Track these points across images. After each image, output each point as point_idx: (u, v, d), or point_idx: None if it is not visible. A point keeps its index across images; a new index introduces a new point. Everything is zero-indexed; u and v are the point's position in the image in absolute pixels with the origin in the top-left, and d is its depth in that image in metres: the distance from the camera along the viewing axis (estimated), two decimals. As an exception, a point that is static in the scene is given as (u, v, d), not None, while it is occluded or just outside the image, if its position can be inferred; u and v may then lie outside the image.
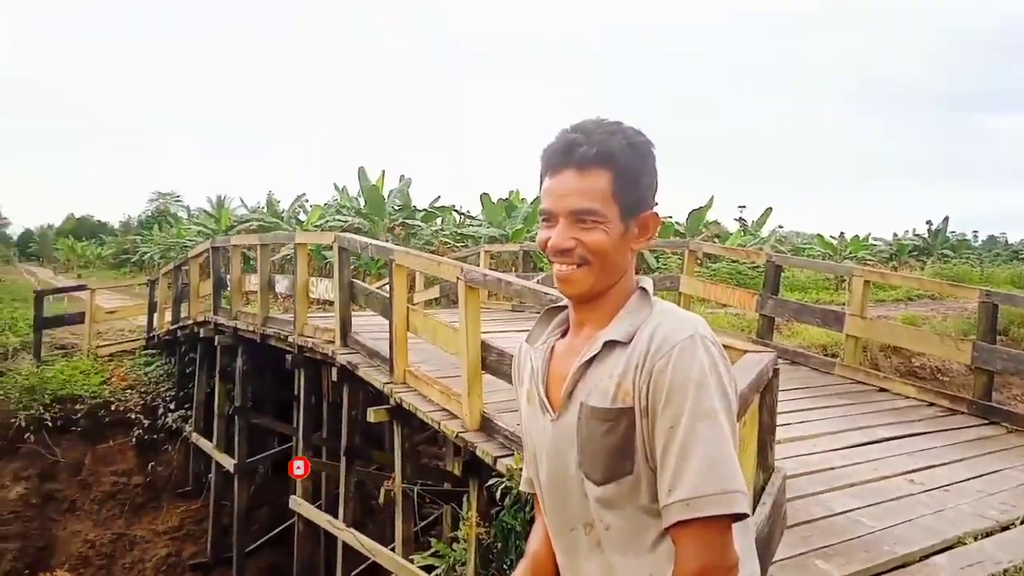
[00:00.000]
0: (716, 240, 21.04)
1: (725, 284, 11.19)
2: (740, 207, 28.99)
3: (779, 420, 3.64)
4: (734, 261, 15.49)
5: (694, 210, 21.44)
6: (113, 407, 10.98)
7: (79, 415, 10.83)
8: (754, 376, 2.84)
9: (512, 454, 4.54)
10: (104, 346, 13.11)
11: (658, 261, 18.49)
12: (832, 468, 4.80)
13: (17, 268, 40.97)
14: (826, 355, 8.49)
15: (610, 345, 1.30)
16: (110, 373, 11.83)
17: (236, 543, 9.23)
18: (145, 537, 10.05)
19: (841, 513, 4.06)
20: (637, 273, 1.42)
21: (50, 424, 10.70)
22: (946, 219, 28.67)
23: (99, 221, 63.23)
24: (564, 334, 1.43)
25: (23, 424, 10.63)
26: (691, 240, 12.55)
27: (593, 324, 1.36)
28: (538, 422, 1.40)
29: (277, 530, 9.74)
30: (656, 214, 1.37)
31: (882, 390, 7.19)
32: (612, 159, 1.28)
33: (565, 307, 1.46)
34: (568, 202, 1.30)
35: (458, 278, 5.16)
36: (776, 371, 3.27)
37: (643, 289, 1.37)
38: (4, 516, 9.93)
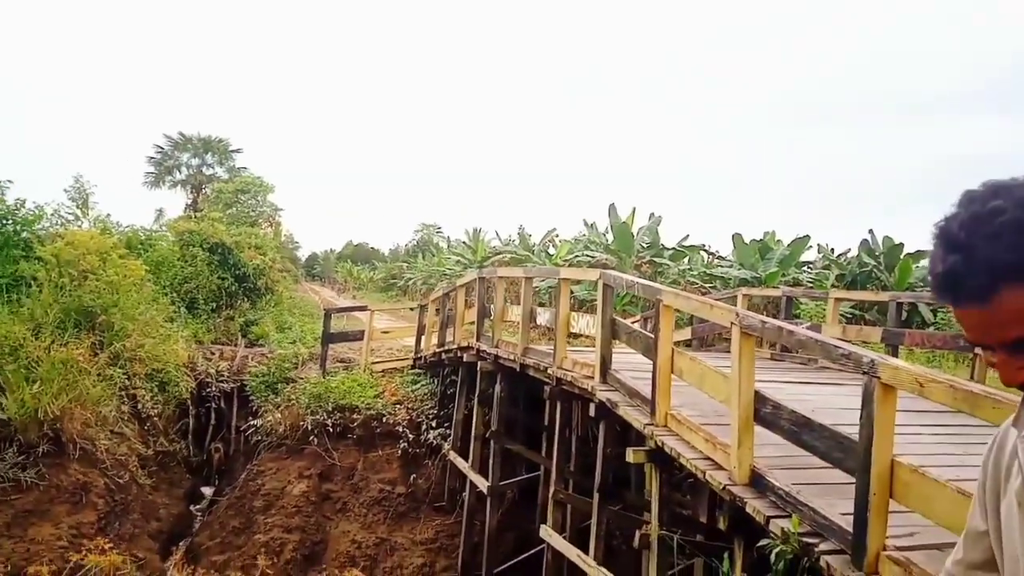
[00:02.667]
0: None
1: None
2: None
3: None
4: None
5: (981, 259, 19.07)
6: (384, 419, 12.03)
7: (355, 424, 12.00)
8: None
9: (788, 516, 4.27)
10: (378, 362, 14.42)
11: (936, 316, 16.66)
12: None
13: (304, 286, 46.51)
14: None
15: None
16: (382, 388, 12.98)
17: (485, 562, 9.60)
18: (404, 545, 10.80)
19: None
20: (908, 325, 1.18)
21: (331, 430, 11.95)
22: None
23: (372, 248, 70.25)
24: None
25: (309, 427, 11.97)
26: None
27: None
28: None
29: (524, 555, 9.99)
30: None
31: None
32: (1012, 271, 0.98)
33: None
34: (989, 337, 1.05)
35: (733, 323, 5.00)
36: None
37: None
38: (289, 510, 11.19)
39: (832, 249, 22.08)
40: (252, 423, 12.98)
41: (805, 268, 20.60)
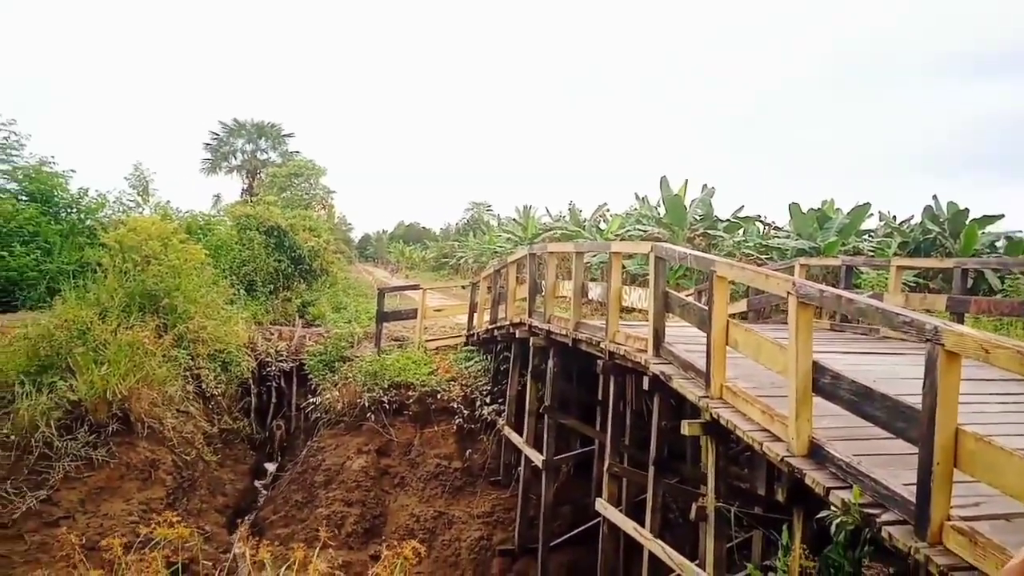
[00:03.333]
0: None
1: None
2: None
3: None
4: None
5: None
6: (439, 396, 12.19)
7: (411, 400, 12.18)
8: None
9: (849, 487, 4.20)
10: (431, 340, 14.57)
11: (1003, 283, 16.05)
12: None
13: (357, 267, 47.19)
14: None
15: None
16: (436, 365, 13.13)
17: (542, 535, 9.68)
18: (461, 518, 10.97)
19: None
20: (974, 293, 1.11)
21: (387, 406, 12.16)
22: None
23: (424, 228, 70.79)
24: None
25: (366, 404, 12.19)
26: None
27: None
28: None
29: (580, 528, 10.05)
30: None
31: None
32: None
33: None
34: None
35: (789, 292, 4.90)
36: None
37: None
38: (348, 484, 11.43)
39: (894, 217, 21.40)
40: (311, 401, 13.27)
41: (866, 237, 20.02)
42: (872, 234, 20.44)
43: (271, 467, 14.06)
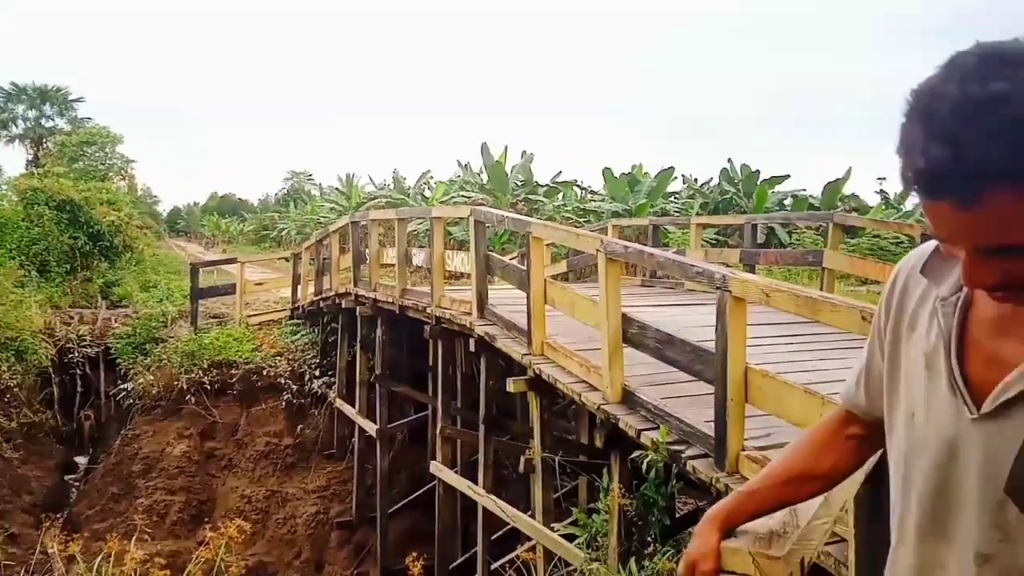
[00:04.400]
0: (856, 214, 20.03)
1: (870, 259, 10.66)
2: (880, 179, 27.40)
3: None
4: (875, 235, 14.71)
5: (830, 183, 20.49)
6: (264, 372, 11.80)
7: (234, 379, 11.70)
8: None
9: (656, 427, 4.56)
10: (253, 315, 14.02)
11: (791, 237, 17.82)
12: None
13: (168, 242, 44.18)
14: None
15: None
16: (260, 341, 12.68)
17: (379, 504, 9.71)
18: (296, 495, 10.76)
19: None
20: (767, 246, 1.09)
21: (208, 387, 11.62)
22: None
23: (240, 199, 67.21)
24: None
25: (184, 386, 11.59)
26: (835, 212, 11.97)
27: None
28: (938, 400, 1.07)
29: (417, 493, 10.17)
30: None
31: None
32: (1003, 172, 0.81)
33: None
34: (964, 240, 0.90)
35: (598, 250, 5.19)
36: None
37: None
38: (170, 471, 10.89)
39: (696, 179, 23.05)
40: (122, 387, 12.42)
41: (672, 198, 21.44)
42: (677, 196, 21.92)
43: (82, 460, 13.09)
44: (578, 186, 23.53)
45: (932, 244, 1.06)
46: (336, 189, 33.00)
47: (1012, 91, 0.79)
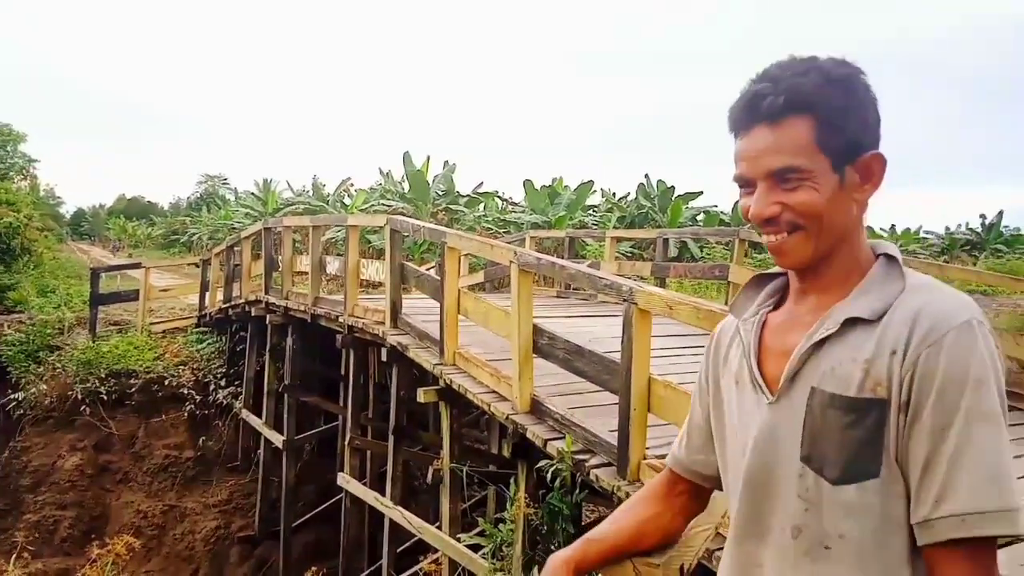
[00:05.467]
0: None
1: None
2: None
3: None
4: (780, 252, 15.24)
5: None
6: (166, 382, 11.31)
7: (133, 389, 11.17)
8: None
9: (563, 437, 4.57)
10: (157, 323, 13.46)
11: (702, 251, 18.33)
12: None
13: (70, 246, 42.10)
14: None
15: (851, 323, 1.11)
16: (163, 349, 12.16)
17: (283, 518, 9.43)
18: (195, 509, 10.34)
19: None
20: (679, 260, 1.30)
21: (105, 397, 11.06)
22: (1000, 213, 27.92)
23: (149, 202, 64.73)
24: (778, 305, 1.25)
25: (79, 397, 11.00)
26: (740, 229, 12.44)
27: (822, 293, 1.17)
28: (747, 407, 1.21)
29: (324, 506, 9.93)
30: (879, 155, 1.13)
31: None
32: (808, 102, 1.09)
33: (778, 274, 1.28)
34: (763, 163, 1.12)
35: (511, 261, 5.19)
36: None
37: (888, 256, 1.15)
38: (61, 485, 10.30)
39: (614, 193, 23.50)
40: (12, 396, 11.69)
41: (591, 211, 21.77)
42: (596, 209, 22.28)
43: (-36, 475, 12.23)
44: (499, 197, 23.65)
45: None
46: (252, 194, 32.17)
47: (816, 62, 1.12)
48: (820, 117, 1.09)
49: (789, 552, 1.15)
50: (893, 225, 23.72)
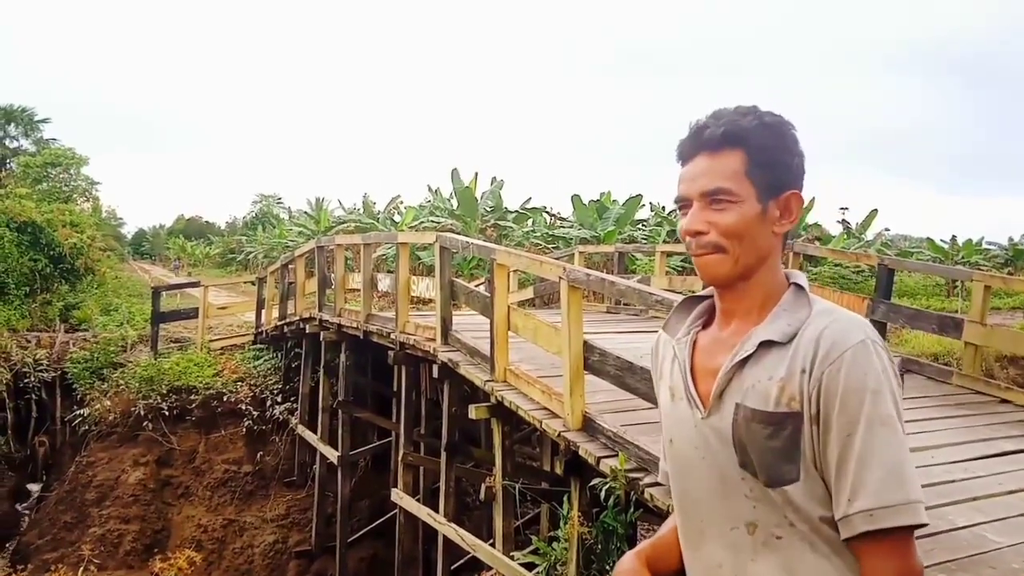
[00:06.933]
0: (818, 243, 20.36)
1: (829, 288, 10.83)
2: (843, 208, 28.00)
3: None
4: (837, 264, 14.94)
5: (793, 211, 20.80)
6: (225, 398, 11.58)
7: (193, 405, 11.46)
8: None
9: (616, 455, 4.54)
10: (216, 340, 13.79)
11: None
12: (954, 480, 4.59)
13: (131, 265, 43.44)
14: (938, 364, 8.11)
15: (766, 345, 1.25)
16: (222, 366, 12.45)
17: (339, 533, 9.54)
18: (254, 523, 10.52)
19: (965, 527, 3.87)
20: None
21: (167, 413, 11.36)
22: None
23: (207, 222, 66.51)
24: (706, 325, 1.40)
25: (142, 413, 11.32)
26: (794, 243, 12.21)
27: (742, 317, 1.32)
28: (683, 417, 1.36)
29: (378, 522, 10.02)
30: (798, 194, 1.31)
31: (1004, 401, 6.78)
32: (742, 138, 1.27)
33: (705, 297, 1.42)
34: (698, 184, 1.29)
35: (560, 277, 5.19)
36: (902, 376, 3.16)
37: (798, 285, 1.31)
38: (125, 499, 10.59)
39: (663, 207, 23.28)
40: (78, 413, 12.10)
41: (640, 225, 21.62)
42: (645, 223, 22.11)
43: (35, 488, 12.67)
44: (547, 212, 23.67)
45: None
46: (305, 213, 32.82)
47: (755, 110, 1.30)
48: (751, 152, 1.27)
49: (747, 547, 1.28)
50: (954, 236, 22.90)
